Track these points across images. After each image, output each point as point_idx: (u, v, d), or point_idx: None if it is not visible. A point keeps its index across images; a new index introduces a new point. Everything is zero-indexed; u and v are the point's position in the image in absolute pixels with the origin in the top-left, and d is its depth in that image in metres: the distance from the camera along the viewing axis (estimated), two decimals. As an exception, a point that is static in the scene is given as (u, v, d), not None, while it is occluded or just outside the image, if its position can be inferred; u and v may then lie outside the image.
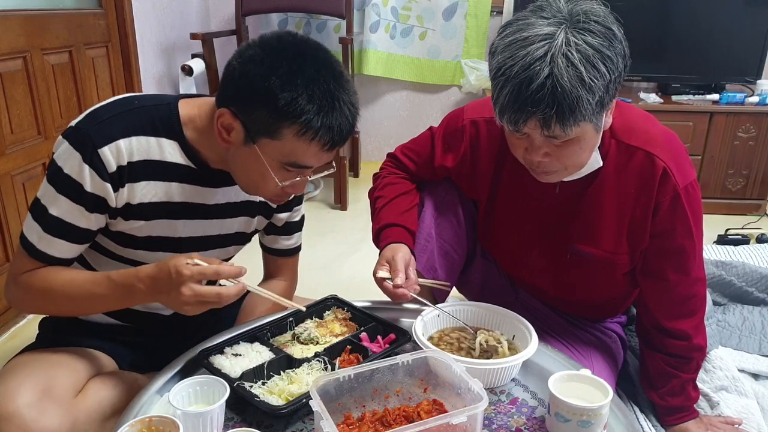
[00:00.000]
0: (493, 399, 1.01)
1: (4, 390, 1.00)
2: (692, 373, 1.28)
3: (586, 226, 1.20)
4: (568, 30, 0.94)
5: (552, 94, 0.92)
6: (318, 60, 0.96)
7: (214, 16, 3.49)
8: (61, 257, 1.04)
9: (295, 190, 1.06)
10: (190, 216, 1.12)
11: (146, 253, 1.12)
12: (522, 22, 0.98)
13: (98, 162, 0.99)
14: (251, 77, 0.94)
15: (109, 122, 1.01)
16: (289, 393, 0.96)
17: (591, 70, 0.93)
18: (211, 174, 1.10)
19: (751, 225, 2.85)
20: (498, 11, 3.43)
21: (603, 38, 0.95)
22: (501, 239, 1.34)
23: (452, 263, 1.35)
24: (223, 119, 0.98)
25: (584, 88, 0.93)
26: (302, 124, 0.94)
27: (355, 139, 3.46)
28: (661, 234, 1.16)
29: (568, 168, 1.08)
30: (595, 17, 0.96)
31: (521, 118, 0.97)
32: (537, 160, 1.05)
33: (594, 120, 0.99)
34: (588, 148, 1.06)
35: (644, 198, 1.14)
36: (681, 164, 1.14)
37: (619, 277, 1.25)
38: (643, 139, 1.13)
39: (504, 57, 0.97)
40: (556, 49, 0.93)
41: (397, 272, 1.14)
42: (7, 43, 1.85)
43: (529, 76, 0.93)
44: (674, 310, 1.22)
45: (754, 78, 3.02)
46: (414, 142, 1.39)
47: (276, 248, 1.33)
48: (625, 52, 0.99)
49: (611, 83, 0.96)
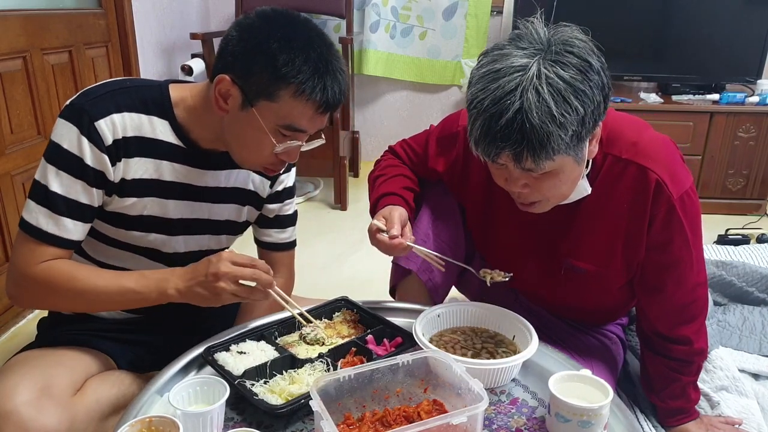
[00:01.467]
0: (494, 399, 1.01)
1: (2, 388, 1.00)
2: (693, 375, 1.28)
3: (578, 242, 1.18)
4: (542, 62, 0.92)
5: (521, 129, 0.91)
6: (311, 29, 1.03)
7: (214, 16, 3.49)
8: (69, 238, 1.05)
9: (289, 158, 1.08)
10: (180, 196, 1.14)
11: (139, 235, 1.13)
12: (498, 52, 0.96)
13: (95, 134, 1.02)
14: (250, 43, 1.00)
15: (102, 98, 1.04)
16: (289, 393, 0.96)
17: (562, 104, 0.90)
18: (201, 154, 1.12)
19: (752, 225, 2.84)
20: (498, 11, 3.43)
21: (577, 71, 0.92)
22: (496, 249, 1.34)
23: (449, 264, 1.35)
24: (221, 86, 1.02)
25: (554, 124, 0.90)
26: (299, 84, 0.98)
27: (355, 139, 3.47)
28: (657, 247, 1.14)
29: (550, 199, 1.06)
30: (572, 48, 0.93)
31: (492, 151, 0.96)
32: (516, 191, 1.04)
33: (572, 153, 0.96)
34: (568, 180, 1.03)
35: (638, 212, 1.11)
36: (675, 173, 1.10)
37: (614, 290, 1.24)
38: (633, 150, 1.10)
39: (477, 89, 0.96)
40: (528, 82, 0.91)
41: (393, 224, 1.13)
42: (7, 43, 1.85)
43: (499, 111, 0.92)
44: (674, 318, 1.21)
45: (754, 78, 3.02)
46: (413, 138, 1.40)
47: (270, 242, 1.34)
48: (604, 83, 0.95)
49: (587, 116, 0.93)
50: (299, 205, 3.08)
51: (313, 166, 3.03)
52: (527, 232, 1.23)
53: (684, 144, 2.94)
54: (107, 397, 1.09)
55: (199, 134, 1.11)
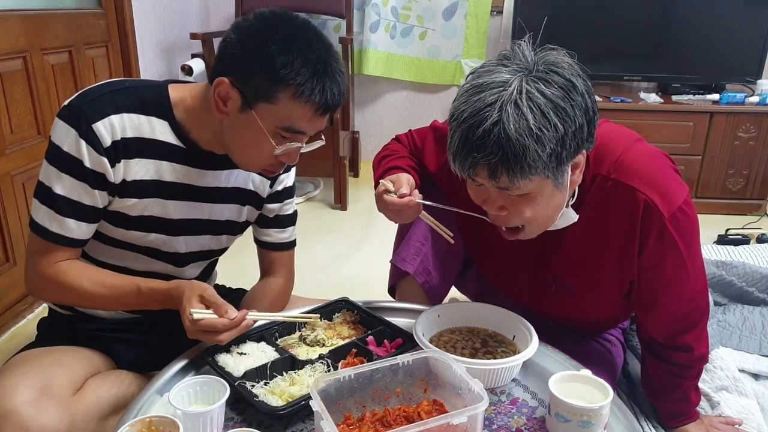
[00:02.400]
0: (494, 399, 1.01)
1: (2, 388, 1.00)
2: (694, 379, 1.27)
3: (569, 261, 1.17)
4: (525, 78, 0.91)
5: (497, 141, 0.90)
6: (309, 30, 1.03)
7: (214, 16, 3.49)
8: (74, 238, 1.07)
9: (288, 159, 1.08)
10: (180, 197, 1.14)
11: (139, 235, 1.14)
12: (484, 69, 0.96)
13: (93, 137, 1.02)
14: (249, 45, 1.00)
15: (101, 99, 1.04)
16: (290, 394, 0.96)
17: (541, 119, 0.89)
18: (200, 155, 1.12)
19: (752, 225, 2.84)
20: (498, 11, 3.42)
21: (559, 89, 0.91)
22: (487, 260, 1.33)
23: (447, 267, 1.34)
24: (220, 88, 1.02)
25: (532, 138, 0.89)
26: (297, 86, 0.98)
27: (355, 139, 3.47)
28: (651, 268, 1.11)
29: (533, 224, 1.03)
30: (557, 68, 0.93)
31: (467, 163, 0.94)
32: (493, 213, 1.03)
33: (550, 175, 0.94)
34: (548, 206, 1.00)
35: (628, 233, 1.08)
36: (665, 191, 1.06)
37: (608, 305, 1.23)
38: (621, 169, 1.07)
39: (459, 103, 0.95)
40: (507, 96, 0.90)
41: (402, 185, 1.12)
42: (7, 43, 1.84)
43: (477, 122, 0.91)
44: (673, 328, 1.19)
45: (754, 78, 3.02)
46: (418, 130, 1.38)
47: (270, 242, 1.33)
48: (588, 106, 0.93)
49: (567, 137, 0.91)
50: (299, 205, 3.08)
51: (313, 166, 3.03)
52: (517, 248, 1.18)
53: (684, 144, 2.94)
54: (107, 397, 1.09)
55: (198, 135, 1.11)
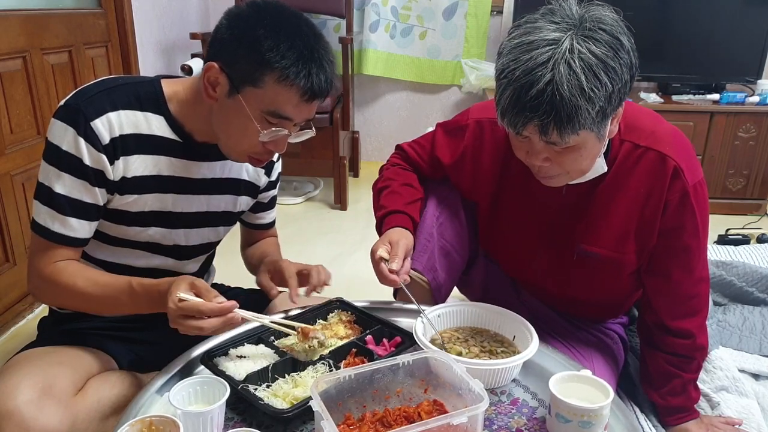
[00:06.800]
0: (494, 399, 1.01)
1: (3, 388, 1.00)
2: (693, 373, 1.28)
3: (592, 227, 1.19)
4: (574, 37, 0.94)
5: (551, 101, 0.93)
6: (300, 19, 1.04)
7: (213, 16, 3.49)
8: (77, 236, 1.07)
9: (276, 147, 1.09)
10: (179, 190, 1.15)
11: (139, 230, 1.14)
12: (530, 25, 0.98)
13: (92, 134, 1.02)
14: (237, 30, 1.01)
15: (97, 97, 1.05)
16: (294, 396, 0.95)
17: (592, 79, 0.93)
18: (196, 147, 1.13)
19: (752, 225, 2.85)
20: (498, 11, 3.43)
21: (608, 48, 0.94)
22: (504, 242, 1.34)
23: (453, 263, 1.35)
24: (210, 73, 1.03)
25: (584, 98, 0.93)
26: (282, 69, 0.98)
27: (355, 139, 3.47)
28: (668, 231, 1.16)
29: (570, 173, 1.08)
30: (604, 25, 0.96)
31: (519, 121, 0.97)
32: (537, 164, 1.06)
33: (595, 129, 0.98)
34: (589, 155, 1.05)
35: (654, 197, 1.14)
36: (691, 163, 1.15)
37: (624, 276, 1.25)
38: (652, 138, 1.14)
39: (508, 59, 0.97)
40: (560, 55, 0.92)
41: (396, 257, 1.14)
42: (7, 43, 1.85)
43: (530, 81, 0.93)
44: (678, 308, 1.22)
45: (754, 78, 3.02)
46: (421, 137, 1.40)
47: (262, 223, 1.42)
48: (632, 62, 0.98)
49: (614, 94, 0.96)
50: (299, 205, 3.09)
51: (313, 166, 3.03)
52: (539, 218, 1.24)
53: (686, 143, 2.94)
54: (108, 397, 1.09)
55: (192, 127, 1.12)
